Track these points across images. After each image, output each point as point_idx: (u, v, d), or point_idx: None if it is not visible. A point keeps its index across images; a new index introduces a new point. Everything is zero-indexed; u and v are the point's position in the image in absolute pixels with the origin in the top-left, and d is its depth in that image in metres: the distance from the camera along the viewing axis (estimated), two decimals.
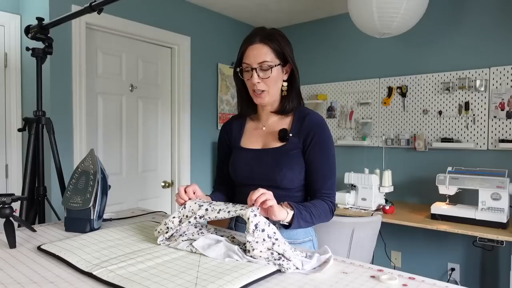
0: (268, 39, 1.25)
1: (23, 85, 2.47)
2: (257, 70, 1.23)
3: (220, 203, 1.06)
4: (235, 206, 1.03)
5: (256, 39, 1.25)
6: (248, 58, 1.25)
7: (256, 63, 1.23)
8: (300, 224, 1.15)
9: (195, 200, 1.09)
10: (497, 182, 2.31)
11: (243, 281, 0.78)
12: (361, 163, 3.32)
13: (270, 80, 1.25)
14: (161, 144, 3.12)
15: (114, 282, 0.78)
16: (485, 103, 2.75)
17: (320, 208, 1.21)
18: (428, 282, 0.81)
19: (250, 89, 1.28)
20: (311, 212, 1.18)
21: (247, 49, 1.25)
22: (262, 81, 1.24)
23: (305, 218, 1.15)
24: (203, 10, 3.32)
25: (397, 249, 3.17)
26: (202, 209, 1.04)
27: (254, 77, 1.24)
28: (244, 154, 1.33)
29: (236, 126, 1.42)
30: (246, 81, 1.28)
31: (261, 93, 1.26)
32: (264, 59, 1.23)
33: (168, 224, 1.05)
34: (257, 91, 1.26)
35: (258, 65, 1.23)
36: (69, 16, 1.65)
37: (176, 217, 1.06)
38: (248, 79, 1.27)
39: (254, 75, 1.24)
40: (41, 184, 1.77)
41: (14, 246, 1.05)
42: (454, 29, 2.90)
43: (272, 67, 1.24)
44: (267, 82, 1.25)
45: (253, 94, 1.28)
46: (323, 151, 1.27)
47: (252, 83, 1.25)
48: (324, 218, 1.23)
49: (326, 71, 3.60)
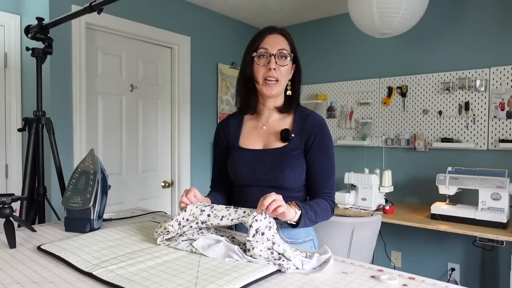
0: (286, 32, 1.30)
1: (23, 85, 2.47)
2: (276, 56, 1.25)
3: (221, 208, 1.05)
4: (237, 212, 1.02)
5: (275, 30, 1.29)
6: (268, 43, 1.26)
7: (276, 49, 1.25)
8: (306, 224, 1.16)
9: (196, 204, 1.08)
10: (497, 182, 2.31)
11: (243, 281, 0.78)
12: (361, 163, 3.32)
13: (284, 69, 1.27)
14: (161, 144, 3.12)
15: (114, 282, 0.78)
16: (485, 103, 2.75)
17: (323, 207, 1.23)
18: (428, 282, 0.81)
19: (262, 77, 1.26)
20: (316, 211, 1.19)
21: (267, 37, 1.27)
22: (278, 69, 1.25)
23: (310, 218, 1.16)
24: (203, 10, 3.32)
25: (397, 249, 3.17)
26: (204, 214, 1.03)
27: (272, 62, 1.24)
28: (244, 154, 1.31)
29: (233, 125, 1.39)
30: (260, 67, 1.26)
31: (274, 83, 1.26)
32: (283, 46, 1.26)
33: (168, 228, 1.04)
34: (271, 79, 1.25)
35: (278, 51, 1.25)
36: (69, 16, 1.65)
37: (176, 221, 1.05)
38: (264, 64, 1.26)
39: (272, 61, 1.24)
40: (41, 184, 1.77)
41: (14, 246, 1.05)
42: (454, 29, 2.90)
43: (288, 57, 1.27)
44: (281, 71, 1.26)
45: (264, 83, 1.26)
46: (325, 152, 1.28)
47: (268, 69, 1.24)
48: (326, 217, 1.25)
49: (326, 71, 3.60)
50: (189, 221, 1.04)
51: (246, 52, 1.31)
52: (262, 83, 1.27)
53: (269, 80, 1.25)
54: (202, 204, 1.08)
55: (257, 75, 1.27)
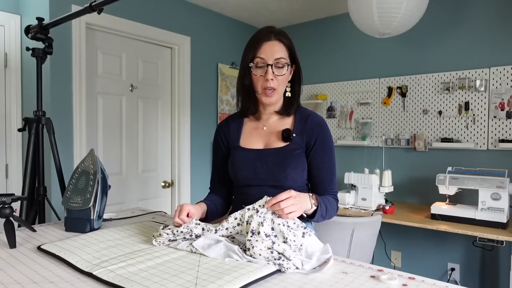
0: (282, 36, 1.26)
1: (23, 85, 2.47)
2: (273, 66, 1.22)
3: (216, 225, 1.06)
4: (230, 223, 1.02)
5: (272, 36, 1.24)
6: (264, 53, 1.23)
7: (273, 58, 1.22)
8: (318, 219, 1.19)
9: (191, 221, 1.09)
10: (497, 182, 2.31)
11: (243, 281, 0.78)
12: (361, 163, 3.32)
13: (282, 78, 1.25)
14: (161, 144, 3.12)
15: (114, 282, 0.78)
16: (485, 103, 2.75)
17: (332, 204, 1.26)
18: (428, 282, 0.81)
19: (261, 87, 1.25)
20: (327, 207, 1.21)
21: (263, 45, 1.23)
22: (276, 78, 1.23)
23: (322, 212, 1.19)
24: (203, 10, 3.32)
25: (397, 249, 3.17)
26: (199, 228, 1.05)
27: (269, 73, 1.22)
28: (246, 154, 1.31)
29: (234, 126, 1.39)
30: (257, 77, 1.24)
31: (272, 92, 1.24)
32: (281, 55, 1.23)
33: (163, 236, 1.05)
34: (269, 90, 1.23)
35: (275, 61, 1.22)
36: (69, 16, 1.65)
37: (171, 232, 1.05)
38: (261, 75, 1.24)
39: (269, 71, 1.22)
40: (41, 184, 1.77)
41: (14, 246, 1.05)
42: (454, 29, 2.90)
43: (285, 65, 1.24)
44: (279, 80, 1.24)
45: (263, 92, 1.25)
46: (328, 151, 1.29)
47: (266, 80, 1.22)
48: (333, 214, 1.27)
49: (326, 71, 3.60)
50: (183, 233, 1.05)
51: (243, 59, 1.28)
52: (261, 92, 1.26)
53: (268, 89, 1.24)
54: (196, 221, 1.09)
55: (255, 85, 1.26)
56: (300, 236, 0.96)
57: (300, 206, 1.05)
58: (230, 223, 1.02)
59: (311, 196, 1.15)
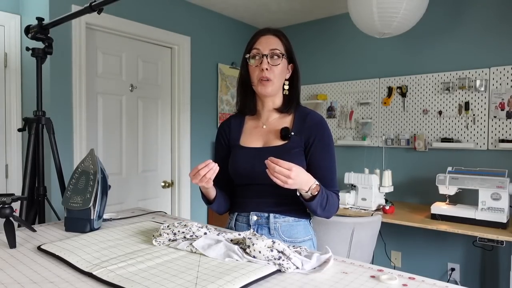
0: (280, 33, 1.32)
1: (23, 85, 2.47)
2: (268, 56, 1.27)
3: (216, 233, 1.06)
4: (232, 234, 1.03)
5: (269, 32, 1.32)
6: (260, 44, 1.29)
7: (268, 49, 1.28)
8: (317, 207, 1.19)
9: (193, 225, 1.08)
10: (497, 182, 2.31)
11: (243, 281, 0.78)
12: (361, 163, 3.33)
13: (277, 69, 1.28)
14: (161, 144, 3.12)
15: (114, 282, 0.78)
16: (485, 103, 2.75)
17: (334, 199, 1.26)
18: (428, 282, 0.81)
19: (256, 77, 1.29)
20: (328, 199, 1.22)
21: (260, 38, 1.30)
22: (271, 69, 1.27)
23: (323, 201, 1.19)
24: (203, 10, 3.32)
25: (397, 249, 3.17)
26: (201, 231, 1.04)
27: (264, 62, 1.27)
28: (244, 152, 1.33)
29: (235, 124, 1.41)
30: (253, 68, 1.30)
31: (267, 81, 1.28)
32: (275, 46, 1.29)
33: (163, 236, 1.04)
34: (264, 80, 1.27)
35: (270, 51, 1.27)
36: (69, 16, 1.65)
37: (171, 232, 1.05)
38: (256, 65, 1.29)
39: (264, 61, 1.27)
40: (41, 184, 1.77)
41: (14, 246, 1.05)
42: (454, 29, 2.90)
43: (281, 57, 1.28)
44: (274, 71, 1.28)
45: (258, 82, 1.29)
46: (327, 149, 1.30)
47: (260, 69, 1.27)
48: (333, 209, 1.27)
49: (326, 71, 3.60)
50: (183, 233, 1.04)
51: (243, 55, 1.35)
52: (256, 83, 1.30)
53: (262, 79, 1.28)
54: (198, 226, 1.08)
55: (251, 75, 1.31)
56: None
57: (294, 183, 1.07)
58: (232, 234, 1.02)
59: (316, 184, 1.16)
